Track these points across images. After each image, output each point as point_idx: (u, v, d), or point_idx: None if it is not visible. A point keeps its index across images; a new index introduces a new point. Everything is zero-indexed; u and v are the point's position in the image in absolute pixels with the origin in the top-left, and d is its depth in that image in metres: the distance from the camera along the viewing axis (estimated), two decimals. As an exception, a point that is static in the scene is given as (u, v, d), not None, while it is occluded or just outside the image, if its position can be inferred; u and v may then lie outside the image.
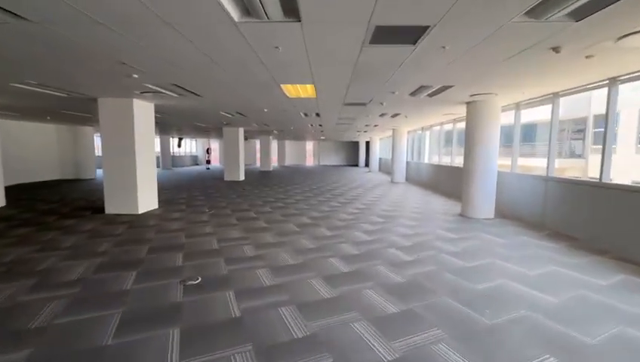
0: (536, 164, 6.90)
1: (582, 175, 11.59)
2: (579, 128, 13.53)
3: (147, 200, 6.96)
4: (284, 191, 10.59)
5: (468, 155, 6.64)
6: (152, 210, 6.98)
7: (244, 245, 4.58)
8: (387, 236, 5.14)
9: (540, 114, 9.77)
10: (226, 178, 14.13)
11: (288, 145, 29.08)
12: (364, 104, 7.06)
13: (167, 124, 12.87)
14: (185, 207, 7.49)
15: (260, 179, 15.00)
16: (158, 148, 22.71)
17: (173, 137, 24.48)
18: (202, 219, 6.22)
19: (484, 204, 6.47)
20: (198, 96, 6.08)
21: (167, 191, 10.25)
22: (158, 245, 4.51)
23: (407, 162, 14.47)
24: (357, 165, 28.55)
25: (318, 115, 9.17)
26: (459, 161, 9.89)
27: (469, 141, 6.60)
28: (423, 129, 13.03)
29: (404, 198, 9.14)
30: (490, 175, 6.41)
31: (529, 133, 15.16)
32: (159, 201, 7.96)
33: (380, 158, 22.23)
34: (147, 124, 6.97)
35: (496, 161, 6.46)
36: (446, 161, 10.93)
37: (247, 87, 5.28)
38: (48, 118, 10.37)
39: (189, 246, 4.46)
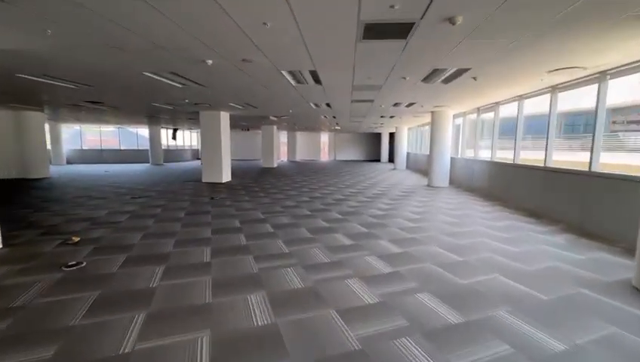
0: None
1: None
2: None
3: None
4: (270, 203, 6.89)
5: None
6: (-35, 259, 3.47)
7: None
8: None
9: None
10: (205, 179, 10.62)
11: (300, 137, 25.37)
12: (408, 29, 3.16)
13: (117, 107, 9.47)
14: (51, 248, 3.94)
15: (251, 181, 11.40)
16: (146, 141, 19.69)
17: (167, 128, 21.44)
18: (8, 304, 2.63)
19: None
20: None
21: (100, 201, 6.82)
22: None
23: (452, 158, 10.37)
24: (379, 160, 24.44)
25: (316, 80, 5.34)
26: (557, 158, 5.78)
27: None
28: (479, 110, 8.89)
29: (469, 225, 5.18)
30: None
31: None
32: (17, 234, 4.47)
33: (408, 153, 18.07)
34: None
35: None
36: (525, 157, 6.82)
37: None
38: None
39: None
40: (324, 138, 26.26)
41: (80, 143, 19.80)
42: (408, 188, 9.60)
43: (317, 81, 5.50)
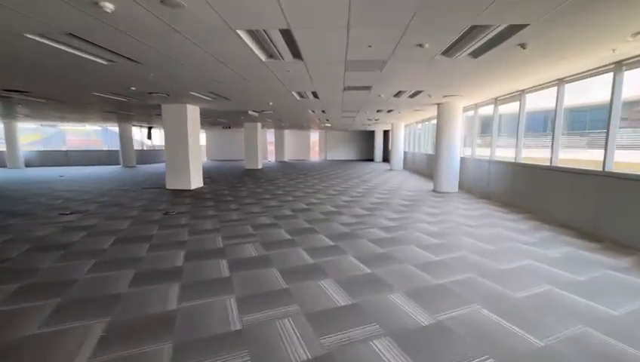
0: None
1: None
2: None
3: None
4: (239, 221, 5.26)
5: None
6: None
7: None
8: None
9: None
10: (170, 185, 8.91)
11: (288, 136, 23.67)
12: None
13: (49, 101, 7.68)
14: None
15: (226, 187, 9.74)
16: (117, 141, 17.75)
17: (141, 127, 19.49)
18: None
19: None
20: None
21: (17, 219, 5.09)
22: None
23: (461, 159, 8.90)
24: (372, 160, 22.97)
25: (295, 52, 3.75)
26: (620, 157, 4.32)
27: None
28: (497, 101, 7.42)
29: (512, 257, 3.65)
30: None
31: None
32: None
33: (405, 152, 16.61)
34: None
35: None
36: (570, 157, 5.35)
37: None
38: None
39: None
40: (315, 136, 24.65)
41: (41, 144, 17.77)
42: (412, 194, 8.09)
43: (295, 54, 3.89)
